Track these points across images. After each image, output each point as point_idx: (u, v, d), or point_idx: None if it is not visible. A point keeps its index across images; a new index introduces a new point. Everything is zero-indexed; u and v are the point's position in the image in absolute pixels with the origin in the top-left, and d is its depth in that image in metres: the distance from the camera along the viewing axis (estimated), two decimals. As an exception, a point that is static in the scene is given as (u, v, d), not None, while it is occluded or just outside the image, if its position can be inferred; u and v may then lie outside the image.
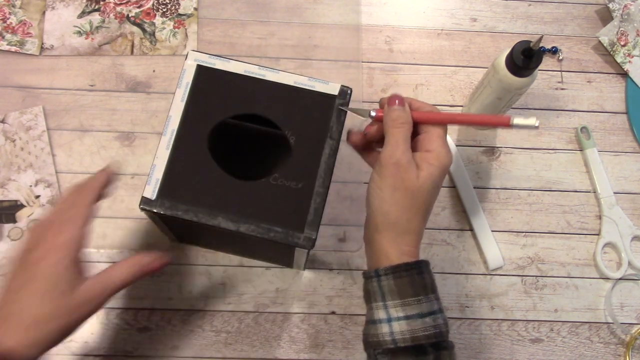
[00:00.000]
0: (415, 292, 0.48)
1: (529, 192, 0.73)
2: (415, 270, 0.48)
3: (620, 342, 0.69)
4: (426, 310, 0.47)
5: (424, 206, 0.50)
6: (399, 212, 0.49)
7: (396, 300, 0.48)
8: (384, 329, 0.48)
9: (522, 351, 0.68)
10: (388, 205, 0.49)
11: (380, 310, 0.48)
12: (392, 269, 0.48)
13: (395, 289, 0.48)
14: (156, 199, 0.52)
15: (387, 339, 0.47)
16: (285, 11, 0.79)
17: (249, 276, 0.68)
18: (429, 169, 0.49)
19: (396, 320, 0.47)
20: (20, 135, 0.71)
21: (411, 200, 0.49)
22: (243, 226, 0.52)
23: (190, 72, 0.55)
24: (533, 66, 0.61)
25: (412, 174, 0.49)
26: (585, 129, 0.75)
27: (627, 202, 0.74)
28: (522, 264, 0.71)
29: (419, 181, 0.49)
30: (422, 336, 0.47)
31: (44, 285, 0.46)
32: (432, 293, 0.49)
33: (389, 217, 0.49)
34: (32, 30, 0.76)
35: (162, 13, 0.77)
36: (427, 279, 0.49)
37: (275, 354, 0.66)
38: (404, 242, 0.50)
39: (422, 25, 0.80)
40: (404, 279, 0.48)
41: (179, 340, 0.66)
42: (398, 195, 0.49)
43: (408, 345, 0.47)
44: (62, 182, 0.70)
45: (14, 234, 0.68)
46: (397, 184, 0.49)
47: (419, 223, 0.50)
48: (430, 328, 0.47)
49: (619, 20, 0.79)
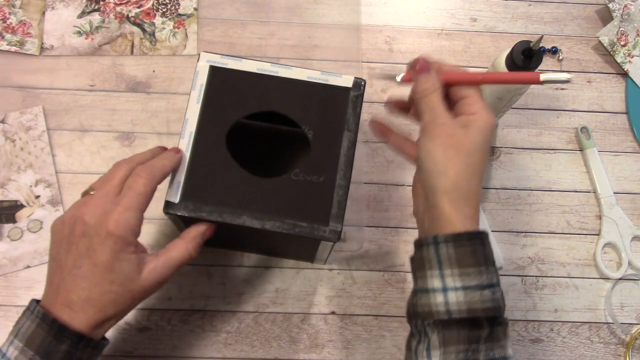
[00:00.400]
0: (477, 262, 0.46)
1: (529, 192, 0.73)
2: (478, 241, 0.46)
3: (620, 342, 0.69)
4: (486, 282, 0.45)
5: (479, 165, 0.48)
6: (456, 171, 0.47)
7: (455, 269, 0.46)
8: (438, 299, 0.45)
9: (522, 351, 0.68)
10: (443, 165, 0.47)
11: (435, 279, 0.46)
12: (453, 237, 0.46)
13: (455, 258, 0.46)
14: (180, 202, 0.52)
15: (441, 309, 0.45)
16: (285, 11, 0.79)
17: (249, 276, 0.68)
18: (476, 127, 0.48)
19: (453, 290, 0.45)
20: (20, 135, 0.71)
21: (466, 158, 0.47)
22: (268, 223, 0.52)
23: (204, 74, 0.55)
24: (533, 66, 0.60)
25: (460, 132, 0.48)
26: (585, 129, 0.75)
27: (627, 202, 0.74)
28: (522, 264, 0.71)
29: (470, 138, 0.48)
30: (479, 309, 0.44)
31: (108, 275, 0.47)
32: (492, 265, 0.47)
33: (448, 177, 0.47)
34: (32, 30, 0.76)
35: (162, 13, 0.77)
36: (488, 250, 0.47)
37: (275, 354, 0.66)
38: (466, 205, 0.47)
39: (422, 25, 0.80)
40: (466, 248, 0.46)
41: (179, 340, 0.66)
42: (452, 154, 0.47)
43: (464, 317, 0.45)
44: (62, 182, 0.70)
45: (14, 234, 0.68)
46: (448, 143, 0.48)
47: (478, 184, 0.48)
48: (489, 301, 0.45)
49: (619, 20, 0.79)
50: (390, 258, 0.70)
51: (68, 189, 0.70)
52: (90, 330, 0.47)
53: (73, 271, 0.47)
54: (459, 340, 0.44)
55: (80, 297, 0.47)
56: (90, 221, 0.47)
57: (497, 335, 0.45)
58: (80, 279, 0.47)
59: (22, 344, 0.46)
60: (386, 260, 0.69)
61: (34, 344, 0.46)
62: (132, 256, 0.48)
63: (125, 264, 0.47)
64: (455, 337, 0.45)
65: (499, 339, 0.45)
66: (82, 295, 0.47)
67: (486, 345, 0.44)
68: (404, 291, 0.69)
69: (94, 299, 0.47)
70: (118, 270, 0.47)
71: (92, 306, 0.47)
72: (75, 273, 0.47)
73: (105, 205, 0.48)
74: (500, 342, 0.45)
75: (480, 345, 0.44)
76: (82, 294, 0.47)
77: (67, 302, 0.47)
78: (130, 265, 0.48)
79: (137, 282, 0.48)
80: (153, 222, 0.68)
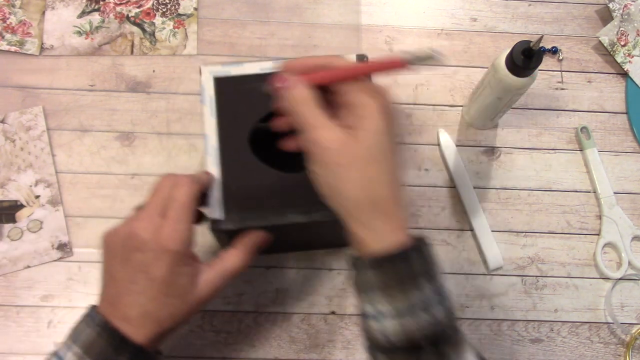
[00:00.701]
0: (400, 282, 0.41)
1: (529, 192, 0.73)
2: (399, 260, 0.42)
3: (620, 342, 0.69)
4: (417, 300, 0.41)
5: (379, 166, 0.42)
6: (351, 187, 0.42)
7: (379, 293, 0.42)
8: (374, 326, 0.43)
9: (522, 351, 0.68)
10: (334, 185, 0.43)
11: (367, 305, 0.43)
12: (373, 263, 0.42)
13: (378, 281, 0.42)
14: (225, 217, 0.52)
15: (379, 337, 0.42)
16: (285, 11, 0.79)
17: (249, 276, 0.68)
18: (360, 122, 0.42)
19: (386, 317, 0.42)
20: (20, 135, 0.71)
21: (357, 167, 0.42)
22: (314, 215, 0.52)
23: (210, 86, 0.55)
24: (533, 66, 0.60)
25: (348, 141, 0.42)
26: (585, 129, 0.75)
27: (627, 202, 0.74)
28: (522, 264, 0.71)
29: (361, 143, 0.42)
30: (417, 334, 0.41)
31: (164, 289, 0.46)
32: (426, 280, 0.42)
33: (346, 198, 0.42)
34: (32, 30, 0.76)
35: (162, 13, 0.77)
36: (415, 265, 0.42)
37: (275, 354, 0.66)
38: (378, 218, 0.42)
39: (422, 25, 0.80)
40: (387, 270, 0.42)
41: (180, 340, 0.66)
42: (338, 170, 0.42)
43: (404, 345, 0.42)
44: (62, 182, 0.70)
45: (14, 234, 0.68)
46: (330, 160, 0.42)
47: (385, 188, 0.42)
48: (426, 326, 0.41)
49: (619, 20, 0.79)
50: (390, 258, 0.70)
51: (68, 189, 0.70)
52: (148, 343, 0.46)
53: (129, 286, 0.47)
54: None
55: (138, 312, 0.46)
56: (144, 236, 0.46)
57: (442, 351, 0.42)
58: (136, 294, 0.46)
59: (81, 350, 0.45)
60: (386, 260, 0.69)
61: (94, 353, 0.45)
62: (188, 269, 0.47)
63: (181, 277, 0.47)
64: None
65: (444, 354, 0.42)
66: (140, 311, 0.46)
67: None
68: (404, 291, 0.69)
69: (152, 313, 0.46)
70: (175, 284, 0.47)
71: (150, 321, 0.46)
72: (131, 288, 0.46)
73: (156, 219, 0.47)
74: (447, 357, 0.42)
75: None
76: (140, 309, 0.46)
77: (125, 317, 0.46)
78: (186, 278, 0.47)
79: (193, 294, 0.48)
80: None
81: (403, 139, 0.46)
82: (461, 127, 0.75)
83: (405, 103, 0.76)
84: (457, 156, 0.73)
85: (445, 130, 0.74)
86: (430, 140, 0.74)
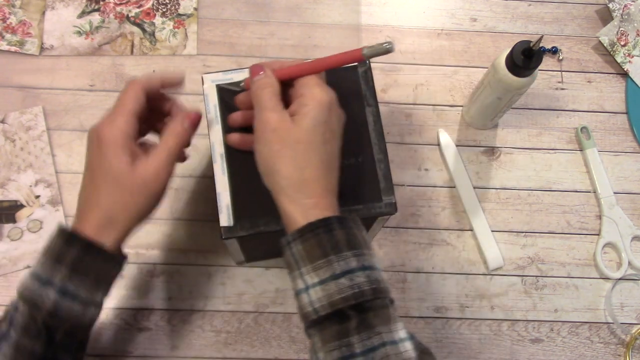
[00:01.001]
0: (324, 252, 0.43)
1: (529, 192, 0.73)
2: (322, 229, 0.44)
3: (620, 342, 0.69)
4: (339, 270, 0.43)
5: (312, 150, 0.46)
6: (285, 165, 0.46)
7: (308, 266, 0.44)
8: (304, 299, 0.44)
9: (522, 351, 0.68)
10: (272, 163, 0.46)
11: (299, 280, 0.44)
12: (298, 233, 0.44)
13: (304, 254, 0.44)
14: (235, 224, 0.52)
15: (309, 309, 0.43)
16: (285, 11, 0.79)
17: (249, 276, 0.68)
18: (303, 109, 0.47)
19: (312, 287, 0.43)
20: (20, 135, 0.71)
21: (293, 148, 0.46)
22: None
23: (213, 95, 0.56)
24: (533, 66, 0.61)
25: (286, 123, 0.46)
26: (585, 129, 0.75)
27: (627, 202, 0.74)
28: (522, 264, 0.71)
29: (297, 126, 0.46)
30: (338, 299, 0.42)
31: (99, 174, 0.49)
32: (349, 250, 0.44)
33: (279, 174, 0.46)
34: (32, 30, 0.76)
35: (162, 13, 0.77)
36: (338, 235, 0.44)
37: (275, 354, 0.66)
38: (305, 197, 0.45)
39: (422, 25, 0.80)
40: (311, 240, 0.44)
41: (179, 340, 0.66)
42: (277, 149, 0.46)
43: (328, 312, 0.42)
44: (62, 182, 0.70)
45: (14, 234, 0.68)
46: (272, 138, 0.46)
47: (315, 170, 0.46)
48: (347, 289, 0.42)
49: (619, 20, 0.79)
50: (390, 258, 0.70)
51: (68, 188, 0.70)
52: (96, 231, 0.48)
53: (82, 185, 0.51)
54: (332, 337, 0.43)
55: (81, 205, 0.50)
56: (89, 133, 0.50)
57: (370, 322, 0.42)
58: (80, 189, 0.50)
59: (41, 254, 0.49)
60: (386, 260, 0.69)
61: (50, 253, 0.48)
62: (121, 153, 0.48)
63: (114, 160, 0.48)
64: (329, 334, 0.43)
65: (372, 325, 0.42)
66: (81, 203, 0.50)
67: (359, 336, 0.42)
68: (404, 291, 0.69)
69: (91, 201, 0.49)
70: (107, 167, 0.48)
71: (91, 208, 0.49)
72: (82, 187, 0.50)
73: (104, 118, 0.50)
74: (375, 329, 0.42)
75: (352, 338, 0.42)
76: (81, 202, 0.50)
77: (77, 216, 0.50)
78: (119, 162, 0.48)
79: (130, 175, 0.48)
80: (153, 222, 0.68)
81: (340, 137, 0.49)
82: (461, 127, 0.75)
83: (405, 103, 0.76)
84: (457, 156, 0.73)
85: (445, 130, 0.74)
86: (430, 140, 0.74)
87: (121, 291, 0.67)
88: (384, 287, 0.44)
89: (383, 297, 0.44)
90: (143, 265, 0.68)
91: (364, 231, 0.47)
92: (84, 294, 0.48)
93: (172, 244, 0.69)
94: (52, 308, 0.46)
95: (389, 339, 0.42)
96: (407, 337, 0.44)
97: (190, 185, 0.70)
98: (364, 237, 0.46)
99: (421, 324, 0.68)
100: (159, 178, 0.49)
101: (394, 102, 0.76)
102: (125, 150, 0.49)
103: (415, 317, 0.68)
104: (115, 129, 0.49)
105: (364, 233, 0.47)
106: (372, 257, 0.45)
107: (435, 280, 0.69)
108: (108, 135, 0.49)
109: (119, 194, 0.48)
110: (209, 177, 0.71)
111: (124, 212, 0.49)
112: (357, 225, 0.46)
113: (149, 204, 0.50)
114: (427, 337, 0.67)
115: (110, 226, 0.48)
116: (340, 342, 0.42)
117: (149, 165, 0.49)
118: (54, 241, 0.48)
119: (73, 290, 0.47)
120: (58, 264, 0.47)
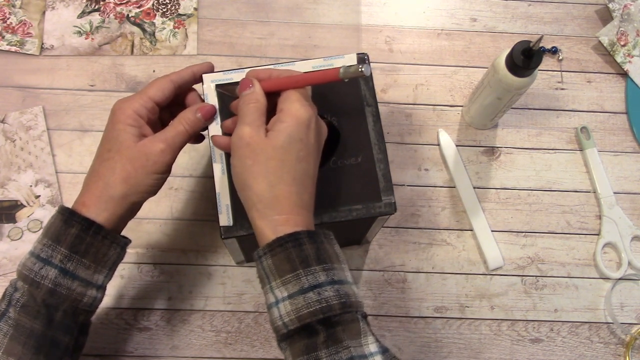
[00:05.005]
0: (293, 267, 0.44)
1: (529, 192, 0.73)
2: (291, 244, 0.44)
3: (620, 342, 0.69)
4: (307, 284, 0.43)
5: (286, 167, 0.46)
6: (257, 181, 0.46)
7: (277, 280, 0.44)
8: (275, 313, 0.44)
9: (522, 351, 0.68)
10: (244, 179, 0.46)
11: (269, 294, 0.45)
12: (267, 247, 0.45)
13: (274, 268, 0.44)
14: (234, 224, 0.53)
15: (279, 323, 0.44)
16: (285, 11, 0.79)
17: (249, 276, 0.68)
18: (279, 126, 0.46)
19: (282, 301, 0.44)
20: (20, 135, 0.71)
21: (265, 164, 0.46)
22: (324, 216, 0.53)
23: (213, 95, 0.56)
24: (533, 66, 0.61)
25: (260, 139, 0.46)
26: (585, 129, 0.75)
27: (627, 202, 0.74)
28: (522, 264, 0.71)
29: (271, 141, 0.46)
30: (306, 314, 0.42)
31: (106, 145, 0.50)
32: (318, 264, 0.44)
33: (250, 190, 0.46)
34: (32, 30, 0.76)
35: (162, 13, 0.77)
36: (307, 249, 0.44)
37: (275, 354, 0.66)
38: (276, 212, 0.45)
39: (422, 25, 0.80)
40: (280, 255, 0.44)
41: (179, 340, 0.66)
42: (249, 164, 0.46)
43: (297, 326, 0.43)
44: (62, 182, 0.70)
45: (14, 234, 0.68)
46: (245, 153, 0.46)
47: (287, 187, 0.46)
48: (314, 303, 0.42)
49: (619, 20, 0.79)
50: (390, 258, 0.70)
51: (68, 188, 0.70)
52: (96, 202, 0.49)
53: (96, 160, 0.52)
54: (301, 351, 0.43)
55: (86, 177, 0.51)
56: (111, 110, 0.52)
57: (338, 337, 0.43)
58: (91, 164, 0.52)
59: (41, 234, 0.49)
60: (386, 260, 0.70)
61: (50, 232, 0.48)
62: (129, 127, 0.50)
63: (121, 132, 0.50)
64: (298, 349, 0.43)
65: (340, 340, 0.43)
66: (87, 176, 0.51)
67: (328, 351, 0.42)
68: (404, 291, 0.69)
69: (95, 171, 0.50)
70: (113, 138, 0.50)
71: (93, 180, 0.50)
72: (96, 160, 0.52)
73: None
74: (343, 343, 0.43)
75: (320, 352, 0.42)
76: (87, 175, 0.51)
77: (81, 191, 0.50)
78: (125, 134, 0.50)
79: (134, 147, 0.50)
80: (153, 222, 0.68)
81: (318, 152, 0.49)
82: (461, 127, 0.75)
83: (405, 103, 0.76)
84: (457, 156, 0.73)
85: (445, 130, 0.74)
86: (430, 140, 0.74)
87: (121, 291, 0.67)
88: (354, 301, 0.44)
89: (353, 311, 0.44)
90: (143, 265, 0.68)
91: (336, 245, 0.47)
92: (84, 274, 0.48)
93: (172, 244, 0.69)
94: (51, 286, 0.47)
95: (358, 353, 0.43)
96: (378, 352, 0.44)
97: (190, 185, 0.71)
98: (336, 252, 0.46)
99: (421, 324, 0.68)
100: (163, 156, 0.50)
101: (393, 102, 0.76)
102: (134, 127, 0.50)
103: (415, 317, 0.68)
104: (128, 107, 0.51)
105: (336, 247, 0.47)
106: (342, 271, 0.45)
107: (435, 280, 0.69)
108: (121, 110, 0.51)
109: (120, 163, 0.49)
110: (209, 177, 0.71)
111: (122, 183, 0.49)
112: (328, 239, 0.46)
113: (148, 181, 0.50)
114: (427, 337, 0.67)
115: (110, 199, 0.49)
116: (309, 357, 0.43)
117: (155, 142, 0.50)
118: (54, 221, 0.49)
119: (73, 270, 0.48)
120: (57, 243, 0.48)
